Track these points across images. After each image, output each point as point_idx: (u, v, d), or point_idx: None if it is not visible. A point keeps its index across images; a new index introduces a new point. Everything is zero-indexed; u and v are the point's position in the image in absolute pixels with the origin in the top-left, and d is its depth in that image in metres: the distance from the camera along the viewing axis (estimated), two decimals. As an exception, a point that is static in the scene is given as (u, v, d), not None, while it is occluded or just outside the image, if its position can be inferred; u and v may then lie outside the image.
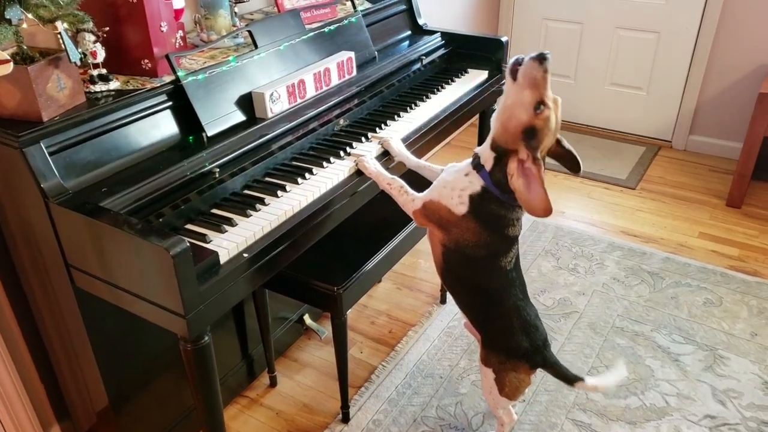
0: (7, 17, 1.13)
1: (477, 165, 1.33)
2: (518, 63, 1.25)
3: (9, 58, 1.16)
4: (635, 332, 2.08)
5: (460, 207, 1.32)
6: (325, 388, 1.89)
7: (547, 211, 1.23)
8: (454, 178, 1.36)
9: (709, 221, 2.73)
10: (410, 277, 2.39)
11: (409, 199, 1.43)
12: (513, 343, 1.42)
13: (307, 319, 2.02)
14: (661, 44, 3.24)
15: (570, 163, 1.37)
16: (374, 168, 1.51)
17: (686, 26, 3.13)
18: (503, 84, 2.16)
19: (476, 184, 1.32)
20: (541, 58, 1.21)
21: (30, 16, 1.20)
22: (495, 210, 1.31)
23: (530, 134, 1.23)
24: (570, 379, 1.46)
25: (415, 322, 2.15)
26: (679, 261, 2.44)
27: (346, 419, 1.76)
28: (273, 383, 1.90)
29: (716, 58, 3.12)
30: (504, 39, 2.15)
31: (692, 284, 2.31)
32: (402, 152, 1.62)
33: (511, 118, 1.24)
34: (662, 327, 2.10)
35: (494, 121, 1.29)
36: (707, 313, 2.17)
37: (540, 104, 1.21)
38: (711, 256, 2.48)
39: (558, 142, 1.33)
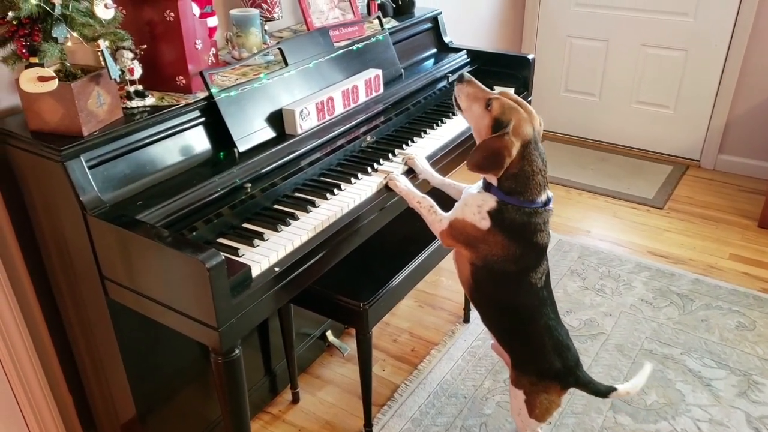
0: (54, 35, 1.17)
1: (486, 186, 1.36)
2: (454, 98, 1.40)
3: (54, 75, 1.20)
4: (664, 355, 2.03)
5: (483, 222, 1.33)
6: (347, 406, 1.88)
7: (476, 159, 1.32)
8: (471, 196, 1.39)
9: (739, 242, 2.67)
10: (432, 295, 2.37)
11: (437, 219, 1.44)
12: (545, 364, 1.40)
13: (329, 335, 2.02)
14: (689, 62, 3.21)
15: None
16: (405, 186, 1.52)
17: (716, 43, 3.10)
18: (530, 100, 2.19)
19: (490, 200, 1.34)
20: (460, 78, 1.39)
21: (75, 34, 1.23)
22: (517, 218, 1.31)
23: (498, 127, 1.30)
24: (603, 392, 1.45)
25: (438, 341, 2.13)
26: (710, 283, 2.39)
27: (369, 437, 1.75)
28: (295, 399, 1.90)
29: (746, 75, 3.08)
30: (531, 57, 2.16)
31: (723, 307, 2.25)
32: (426, 170, 1.62)
33: (480, 130, 1.35)
34: (693, 350, 2.05)
35: (474, 151, 1.36)
36: (740, 336, 2.11)
37: (488, 103, 1.32)
38: (742, 279, 2.42)
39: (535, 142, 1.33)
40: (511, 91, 2.11)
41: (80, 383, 1.59)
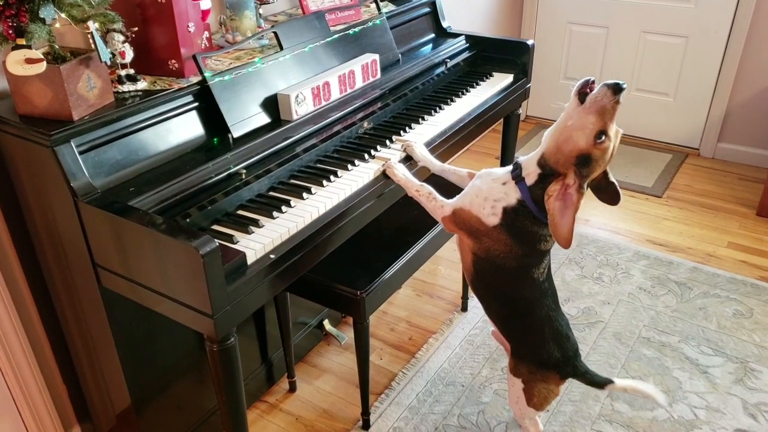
0: (41, 16, 1.14)
1: (517, 176, 1.27)
2: (587, 85, 1.19)
3: (42, 57, 1.16)
4: (662, 343, 2.03)
5: (492, 218, 1.29)
6: (344, 395, 1.87)
7: (568, 242, 1.20)
8: (489, 187, 1.31)
9: (738, 231, 2.66)
10: (430, 284, 2.36)
11: (438, 206, 1.40)
12: (544, 353, 1.39)
13: (326, 324, 2.01)
14: (689, 49, 3.18)
15: (609, 196, 1.32)
16: (402, 174, 1.49)
17: (716, 30, 3.07)
18: (529, 87, 2.17)
19: (512, 196, 1.27)
20: (616, 89, 1.15)
21: (63, 15, 1.20)
22: (528, 226, 1.27)
23: (584, 162, 1.18)
24: (600, 383, 1.44)
25: (436, 330, 2.12)
26: (708, 271, 2.38)
27: (366, 426, 1.74)
28: (292, 388, 1.89)
29: (747, 62, 3.05)
30: (530, 42, 2.13)
31: (721, 295, 2.25)
32: (425, 157, 1.60)
33: (568, 141, 1.20)
34: (690, 338, 2.05)
35: (548, 137, 1.24)
36: (737, 324, 2.10)
37: (602, 134, 1.17)
38: (740, 267, 2.42)
39: (604, 173, 1.28)
40: (509, 78, 2.09)
41: (74, 373, 1.58)
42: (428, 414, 1.79)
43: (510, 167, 1.31)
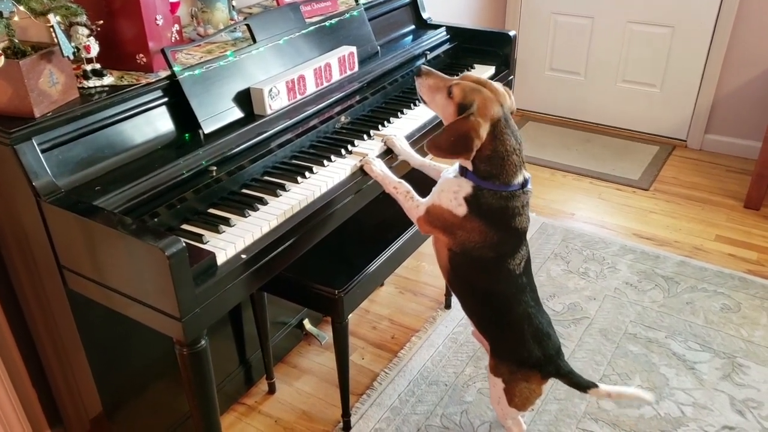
0: (-1, 10, 1.09)
1: (463, 171, 1.32)
2: (419, 94, 1.38)
3: (0, 51, 1.12)
4: (649, 339, 2.01)
5: (460, 209, 1.29)
6: (325, 396, 1.83)
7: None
8: (447, 181, 1.34)
9: (725, 223, 2.65)
10: (413, 281, 2.33)
11: (414, 206, 1.39)
12: (524, 352, 1.36)
13: (306, 324, 1.97)
14: (675, 39, 3.16)
15: None
16: (380, 170, 1.46)
17: (702, 20, 3.05)
18: (512, 79, 2.14)
19: (466, 186, 1.30)
20: (417, 72, 1.36)
21: (21, 8, 1.16)
22: (494, 203, 1.27)
23: (463, 109, 1.26)
24: (583, 386, 1.41)
25: (419, 328, 2.09)
26: (695, 265, 2.36)
27: (347, 428, 1.71)
28: (272, 390, 1.85)
29: (733, 52, 3.03)
30: (512, 33, 2.09)
31: (708, 289, 2.23)
32: (406, 151, 1.58)
33: (447, 119, 1.32)
34: (677, 334, 2.03)
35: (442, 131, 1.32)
36: (725, 319, 2.09)
37: (449, 90, 1.29)
38: (728, 260, 2.40)
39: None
40: (491, 70, 2.06)
41: (45, 377, 1.53)
42: (410, 414, 1.76)
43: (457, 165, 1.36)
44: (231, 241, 1.21)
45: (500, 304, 1.36)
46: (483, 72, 2.03)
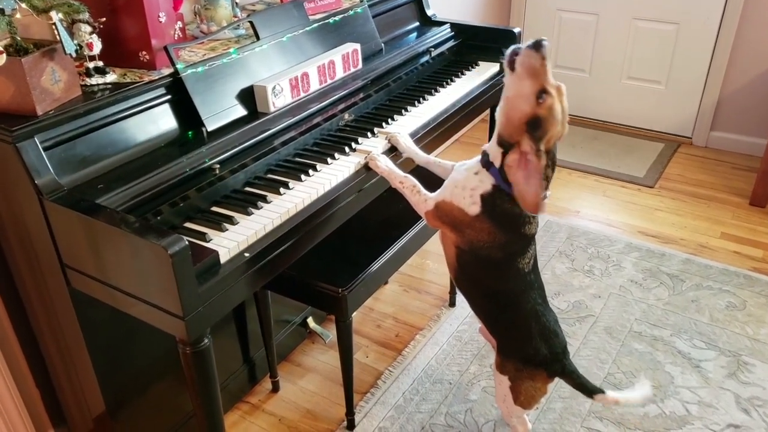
0: (0, 7, 1.09)
1: (486, 162, 1.27)
2: (515, 53, 1.18)
3: (2, 49, 1.12)
4: (654, 337, 1.99)
5: (473, 207, 1.26)
6: (329, 394, 1.83)
7: (536, 207, 1.18)
8: (464, 177, 1.30)
9: (731, 221, 2.63)
10: (418, 279, 2.32)
11: (422, 200, 1.37)
12: (531, 349, 1.35)
13: (310, 322, 1.96)
14: (680, 36, 3.14)
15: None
16: (385, 166, 1.45)
17: (707, 16, 3.02)
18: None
19: (486, 182, 1.26)
20: (537, 46, 1.14)
21: (24, 5, 1.16)
22: (509, 208, 1.25)
23: (534, 125, 1.16)
24: (589, 390, 1.39)
25: (423, 326, 2.08)
26: (700, 263, 2.35)
27: (351, 426, 1.70)
28: (275, 388, 1.85)
29: (739, 49, 3.01)
30: (516, 30, 2.08)
31: (714, 287, 2.22)
32: (411, 148, 1.56)
33: (513, 110, 1.18)
34: (682, 332, 2.01)
35: (498, 115, 1.23)
36: (730, 317, 2.07)
37: (542, 93, 1.15)
38: (733, 258, 2.39)
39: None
40: (495, 67, 2.04)
41: (48, 377, 1.53)
42: (415, 413, 1.75)
43: (479, 156, 1.30)
44: (234, 239, 1.20)
45: (508, 302, 1.35)
46: (488, 69, 2.02)
